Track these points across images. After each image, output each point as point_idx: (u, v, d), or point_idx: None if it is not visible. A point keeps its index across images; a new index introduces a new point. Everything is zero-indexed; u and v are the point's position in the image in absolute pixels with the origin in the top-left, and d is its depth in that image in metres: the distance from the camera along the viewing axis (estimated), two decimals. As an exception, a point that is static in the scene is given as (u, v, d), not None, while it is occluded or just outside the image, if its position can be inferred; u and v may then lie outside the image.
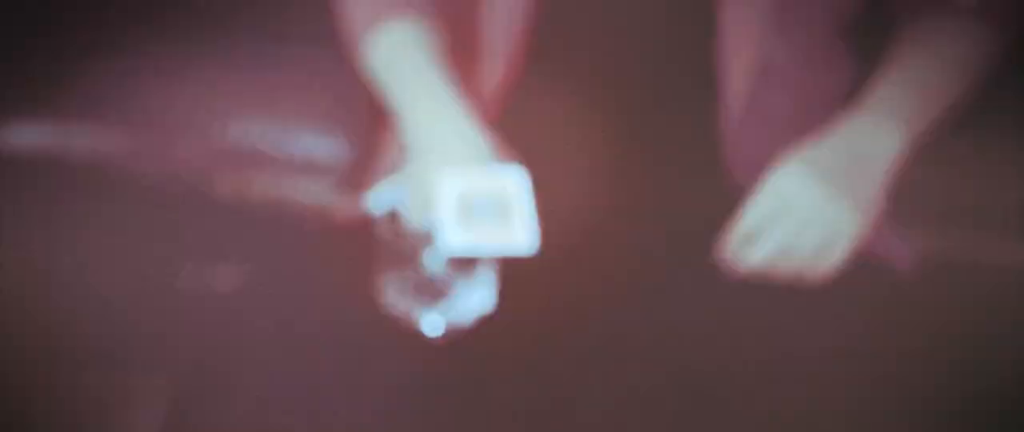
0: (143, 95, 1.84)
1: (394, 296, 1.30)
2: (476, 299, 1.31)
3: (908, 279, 1.49)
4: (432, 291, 1.30)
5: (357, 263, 1.33)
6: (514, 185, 1.29)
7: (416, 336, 1.30)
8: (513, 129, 1.44)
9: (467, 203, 1.28)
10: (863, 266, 1.39)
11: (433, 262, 1.30)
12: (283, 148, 1.84)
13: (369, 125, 1.71)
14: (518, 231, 1.25)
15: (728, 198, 1.41)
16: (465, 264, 1.30)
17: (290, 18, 1.90)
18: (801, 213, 1.31)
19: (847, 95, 1.46)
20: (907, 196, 1.56)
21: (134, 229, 1.41)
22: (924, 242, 1.71)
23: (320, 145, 1.84)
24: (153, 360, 1.27)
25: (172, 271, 1.35)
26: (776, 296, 1.36)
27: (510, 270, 1.31)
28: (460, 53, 1.49)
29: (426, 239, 1.31)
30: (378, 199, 1.33)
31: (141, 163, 1.83)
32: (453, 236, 1.26)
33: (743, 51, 1.39)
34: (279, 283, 1.38)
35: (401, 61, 1.47)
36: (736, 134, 1.43)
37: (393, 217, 1.33)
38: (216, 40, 1.88)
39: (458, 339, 1.30)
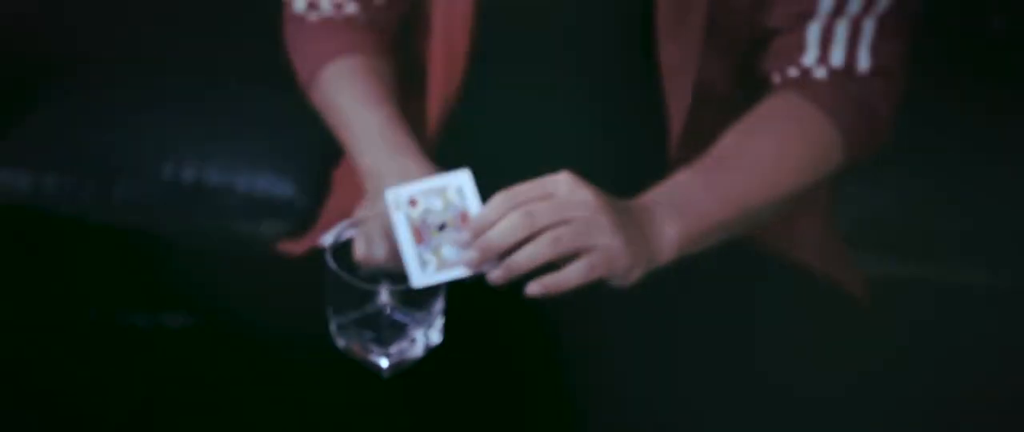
0: (90, 138, 1.85)
1: (345, 334, 1.30)
2: (427, 334, 1.31)
3: (861, 303, 1.50)
4: (383, 329, 1.29)
5: (308, 302, 1.32)
6: (465, 194, 1.28)
7: (367, 372, 1.29)
8: (458, 154, 1.44)
9: (425, 227, 1.28)
10: (819, 292, 1.42)
11: (384, 301, 1.30)
12: (236, 187, 1.84)
13: (322, 164, 1.70)
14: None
15: None
16: (416, 302, 1.29)
17: (240, 57, 1.90)
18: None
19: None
20: (858, 224, 1.63)
21: (78, 272, 1.41)
22: (875, 267, 1.70)
23: (274, 184, 1.84)
24: (98, 400, 1.27)
25: (109, 311, 1.34)
26: (731, 321, 1.36)
27: (458, 301, 1.31)
28: (409, 82, 1.49)
29: (378, 278, 1.31)
30: (331, 238, 1.31)
31: (88, 204, 1.84)
32: (417, 277, 1.26)
33: (680, 76, 1.39)
34: (228, 323, 1.38)
35: (347, 102, 1.48)
36: (678, 153, 1.42)
37: (345, 256, 1.32)
38: (165, 80, 1.89)
39: (409, 373, 1.30)
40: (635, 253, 1.23)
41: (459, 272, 1.26)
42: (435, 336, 1.31)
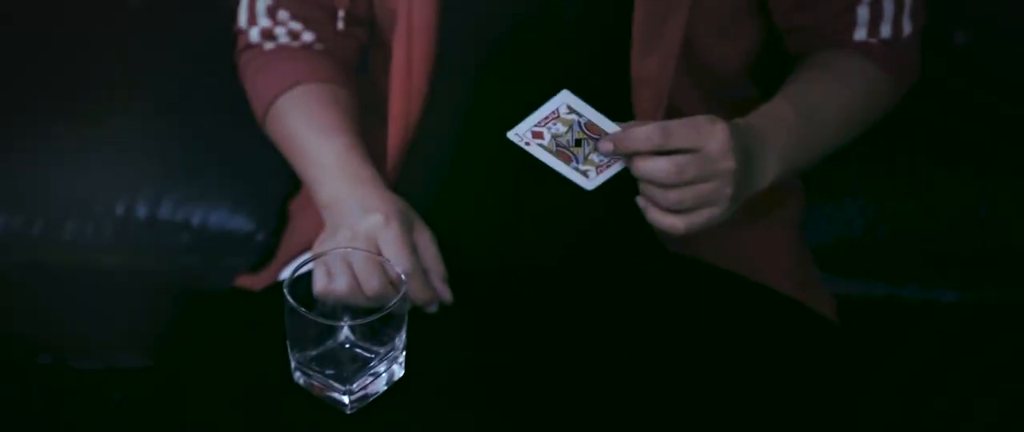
0: (39, 176, 1.83)
1: (306, 371, 1.28)
2: (389, 368, 1.29)
3: (833, 324, 1.50)
4: (344, 364, 1.28)
5: (269, 338, 1.30)
6: (578, 109, 1.29)
7: (330, 409, 1.28)
8: (418, 184, 1.44)
9: (564, 148, 1.30)
10: (788, 313, 1.42)
11: (346, 336, 1.29)
12: (191, 223, 1.83)
13: (280, 197, 1.69)
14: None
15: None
16: (377, 336, 1.28)
17: (193, 91, 1.88)
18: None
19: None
20: (827, 244, 1.64)
21: (27, 314, 1.40)
22: (844, 288, 1.72)
23: (230, 219, 1.82)
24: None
25: (61, 355, 1.32)
26: (699, 343, 1.36)
27: (420, 334, 1.30)
28: (369, 111, 1.48)
29: (339, 313, 1.31)
30: (290, 273, 1.30)
31: (38, 244, 1.82)
32: (589, 184, 1.30)
33: (650, 91, 1.40)
34: (186, 363, 1.36)
35: (304, 131, 1.46)
36: None
37: (305, 290, 1.31)
38: (116, 116, 1.87)
39: (372, 408, 1.28)
40: (735, 202, 1.31)
41: (619, 166, 1.30)
42: (398, 370, 1.29)
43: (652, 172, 1.27)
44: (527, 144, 1.29)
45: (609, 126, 1.29)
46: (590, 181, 1.31)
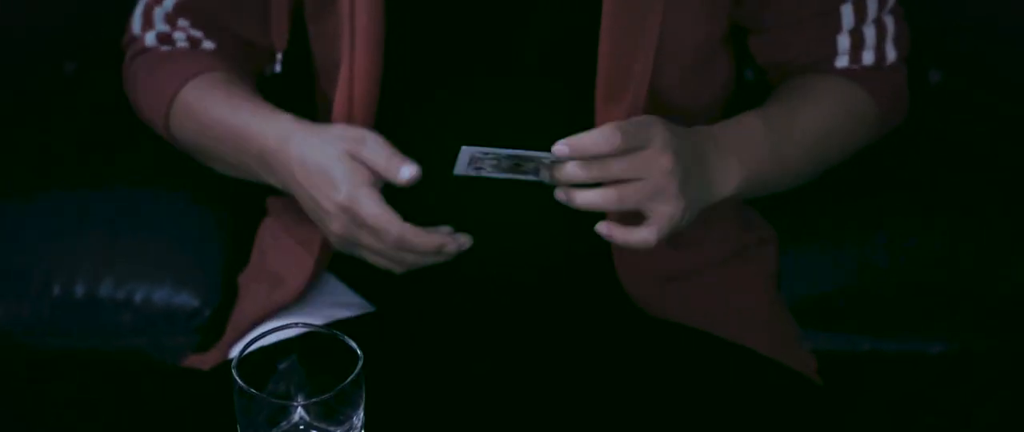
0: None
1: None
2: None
3: (814, 384, 1.50)
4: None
5: (220, 421, 1.27)
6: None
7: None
8: None
9: (511, 170, 1.30)
10: (769, 375, 1.42)
11: (300, 417, 1.25)
12: (133, 301, 1.78)
13: (227, 270, 1.68)
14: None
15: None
16: (333, 415, 1.24)
17: (130, 164, 1.84)
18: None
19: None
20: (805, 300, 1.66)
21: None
22: (826, 343, 1.70)
23: (174, 295, 1.78)
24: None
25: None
26: (677, 406, 1.35)
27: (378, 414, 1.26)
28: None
29: (291, 393, 1.27)
30: (240, 352, 1.25)
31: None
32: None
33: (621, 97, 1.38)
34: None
35: (225, 100, 1.42)
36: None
37: (256, 369, 1.26)
38: (49, 191, 1.83)
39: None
40: (691, 205, 1.32)
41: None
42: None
43: (575, 174, 1.29)
44: (478, 171, 1.30)
45: (532, 153, 1.28)
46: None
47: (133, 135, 1.65)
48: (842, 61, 1.46)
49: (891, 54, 1.48)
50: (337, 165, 1.31)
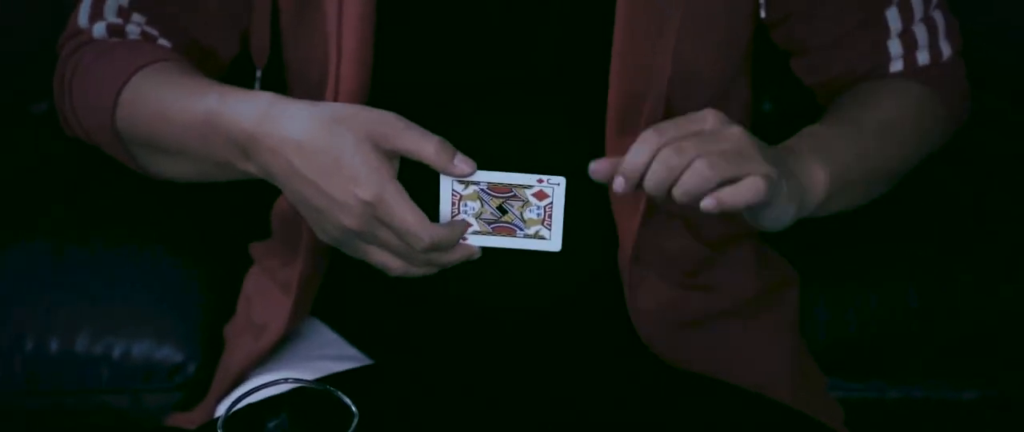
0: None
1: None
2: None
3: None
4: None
5: None
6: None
7: None
8: None
9: (499, 222, 1.26)
10: (794, 428, 1.38)
11: None
12: (111, 355, 1.75)
13: (211, 322, 1.66)
14: None
15: None
16: None
17: (106, 214, 1.81)
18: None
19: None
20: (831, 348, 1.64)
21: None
22: (855, 392, 1.69)
23: (155, 349, 1.75)
24: None
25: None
26: None
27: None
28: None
29: None
30: (227, 409, 1.21)
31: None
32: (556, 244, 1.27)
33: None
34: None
35: (189, 82, 1.33)
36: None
37: (244, 427, 1.22)
38: (21, 242, 1.80)
39: None
40: (790, 188, 1.27)
41: (560, 203, 1.25)
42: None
43: (659, 174, 1.21)
44: (463, 240, 1.26)
45: (513, 178, 1.24)
46: (551, 240, 1.26)
47: (109, 179, 1.63)
48: (897, 65, 1.45)
49: (946, 50, 1.47)
50: (355, 155, 1.21)
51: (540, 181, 1.24)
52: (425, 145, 1.21)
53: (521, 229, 1.25)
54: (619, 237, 1.38)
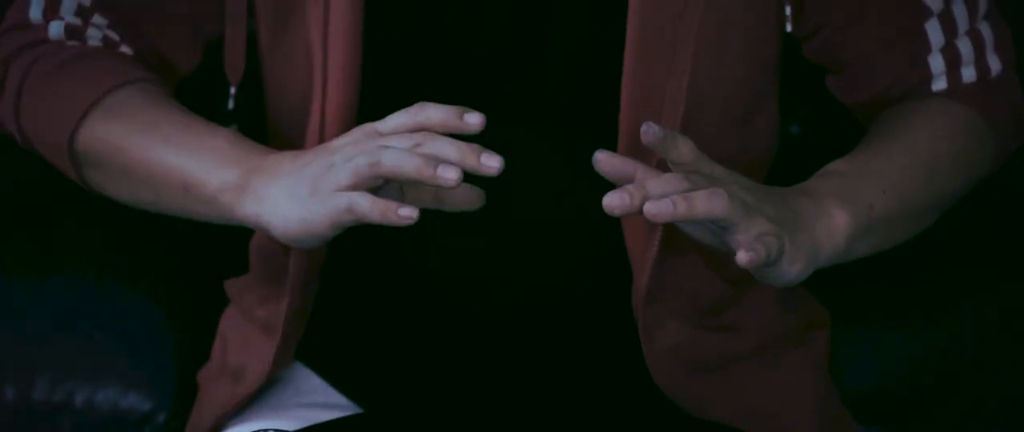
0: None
1: None
2: None
3: None
4: None
5: None
6: None
7: None
8: None
9: None
10: None
11: None
12: (74, 403, 1.69)
13: (182, 367, 1.63)
14: None
15: None
16: None
17: (71, 252, 1.77)
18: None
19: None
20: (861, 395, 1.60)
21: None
22: None
23: (121, 396, 1.69)
24: None
25: None
26: None
27: None
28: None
29: None
30: None
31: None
32: None
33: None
34: None
35: (166, 117, 1.33)
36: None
37: None
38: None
39: None
40: (796, 244, 1.24)
41: None
42: None
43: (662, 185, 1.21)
44: None
45: None
46: None
47: (69, 213, 1.62)
48: (940, 83, 1.42)
49: (995, 65, 1.43)
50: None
51: None
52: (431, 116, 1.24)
53: None
54: (633, 271, 1.35)
